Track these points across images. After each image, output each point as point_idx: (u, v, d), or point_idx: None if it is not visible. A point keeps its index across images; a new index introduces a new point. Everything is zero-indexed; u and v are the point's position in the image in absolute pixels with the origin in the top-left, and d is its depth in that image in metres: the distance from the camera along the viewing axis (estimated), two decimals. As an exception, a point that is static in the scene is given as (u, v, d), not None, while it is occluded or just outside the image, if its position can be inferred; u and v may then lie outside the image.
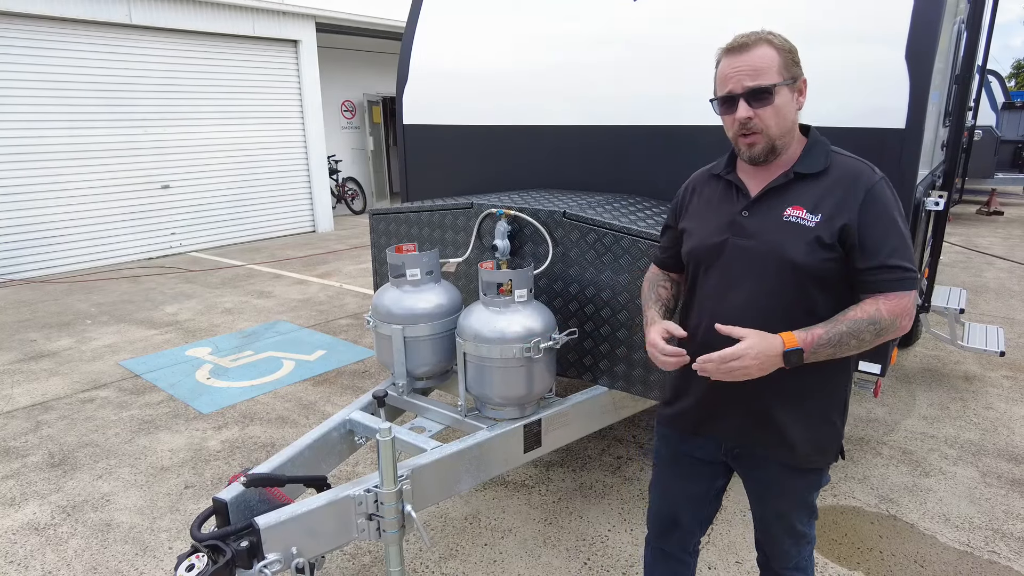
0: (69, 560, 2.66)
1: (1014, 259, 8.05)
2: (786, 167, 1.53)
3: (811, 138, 1.56)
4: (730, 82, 1.47)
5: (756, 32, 1.48)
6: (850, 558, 2.61)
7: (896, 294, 1.43)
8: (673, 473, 1.82)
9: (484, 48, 3.62)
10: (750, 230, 1.53)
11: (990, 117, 11.60)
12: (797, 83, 1.49)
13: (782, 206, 1.50)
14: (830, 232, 1.44)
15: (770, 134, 1.47)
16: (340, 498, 1.91)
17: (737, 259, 1.54)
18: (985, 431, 3.65)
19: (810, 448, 1.58)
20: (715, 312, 1.56)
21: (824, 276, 1.47)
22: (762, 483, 1.69)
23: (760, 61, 1.44)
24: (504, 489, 3.12)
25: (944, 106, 3.24)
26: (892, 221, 1.45)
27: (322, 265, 8.33)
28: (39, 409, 4.11)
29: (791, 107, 1.48)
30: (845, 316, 1.44)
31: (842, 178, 1.48)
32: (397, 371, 2.57)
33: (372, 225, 3.24)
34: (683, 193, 1.76)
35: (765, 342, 1.41)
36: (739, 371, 1.42)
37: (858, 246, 1.44)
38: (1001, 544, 2.68)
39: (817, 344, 1.42)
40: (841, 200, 1.46)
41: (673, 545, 1.89)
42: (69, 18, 7.78)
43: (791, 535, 1.71)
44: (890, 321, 1.43)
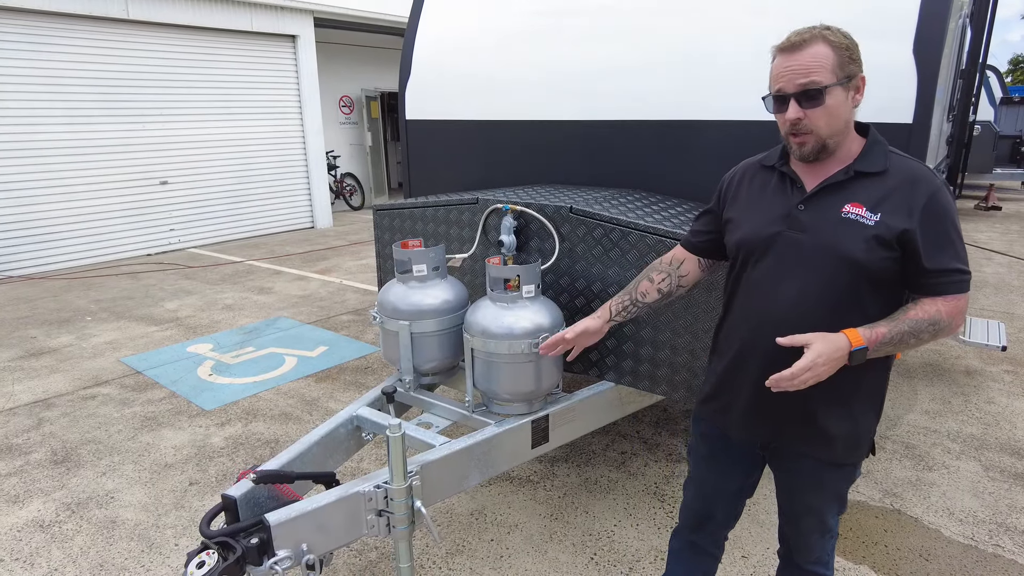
0: (75, 557, 2.65)
1: (1013, 254, 8.08)
2: (843, 164, 1.52)
3: (871, 137, 1.54)
4: (781, 80, 1.46)
5: (812, 28, 1.45)
6: (855, 552, 2.62)
7: (955, 296, 1.45)
8: (710, 469, 1.83)
9: (487, 42, 3.60)
10: (805, 224, 1.51)
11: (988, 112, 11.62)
12: (853, 81, 1.46)
13: (840, 202, 1.49)
14: (890, 232, 1.44)
15: (820, 134, 1.46)
16: (350, 494, 1.91)
17: (790, 252, 1.53)
18: (987, 425, 3.66)
19: (848, 444, 1.59)
20: (762, 307, 1.56)
21: (879, 275, 1.47)
22: (797, 478, 1.68)
23: (813, 60, 1.42)
24: (510, 485, 3.13)
25: (948, 101, 3.24)
26: (953, 226, 1.46)
27: (322, 261, 8.31)
28: (41, 406, 4.09)
29: (845, 107, 1.45)
30: (906, 315, 1.44)
31: (903, 181, 1.47)
32: (404, 367, 2.56)
33: (376, 221, 3.23)
34: (730, 180, 1.74)
35: (831, 345, 1.40)
36: (812, 380, 1.41)
37: (921, 250, 1.43)
38: (1005, 538, 2.70)
39: (881, 342, 1.42)
40: (902, 202, 1.45)
41: (705, 538, 1.91)
42: (66, 13, 7.74)
43: (820, 529, 1.71)
44: (948, 322, 1.45)
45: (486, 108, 3.64)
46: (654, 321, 2.43)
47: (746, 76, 2.76)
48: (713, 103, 2.85)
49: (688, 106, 2.95)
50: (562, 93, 3.34)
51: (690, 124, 2.96)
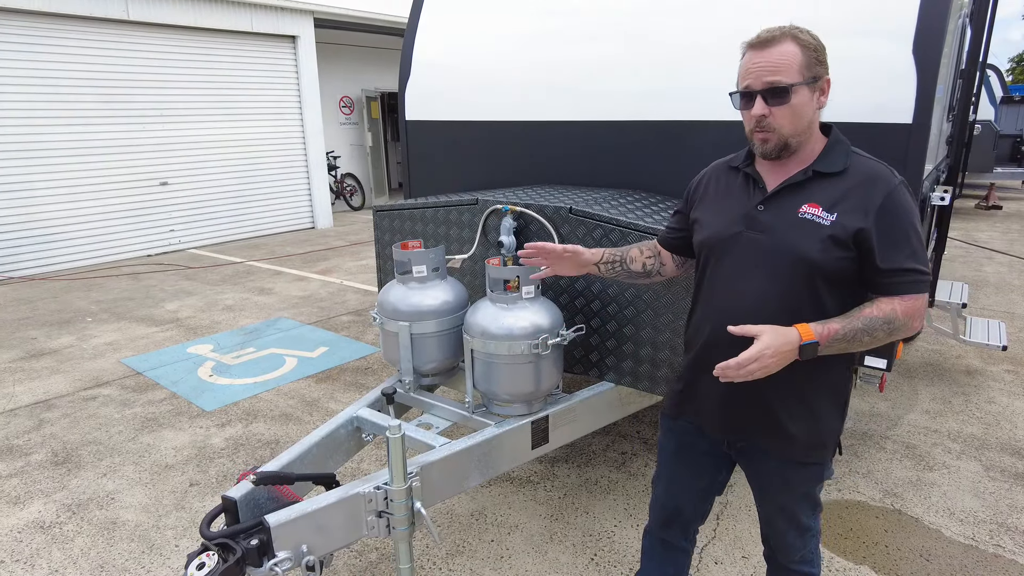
0: (75, 558, 2.66)
1: (1013, 253, 8.07)
2: (804, 164, 1.53)
3: (832, 137, 1.55)
4: (749, 77, 1.47)
5: (783, 27, 1.46)
6: (856, 552, 2.62)
7: (911, 296, 1.45)
8: (678, 466, 1.84)
9: (487, 43, 3.60)
10: (764, 224, 1.54)
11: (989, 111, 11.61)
12: (819, 82, 1.47)
13: (798, 203, 1.51)
14: (845, 232, 1.45)
15: (783, 133, 1.47)
16: (350, 495, 1.91)
17: (749, 252, 1.55)
18: (988, 425, 3.66)
19: (810, 442, 1.60)
20: (723, 306, 1.59)
21: (836, 274, 1.48)
22: (764, 477, 1.70)
23: (781, 58, 1.43)
24: (510, 485, 3.13)
25: (948, 101, 3.24)
26: (911, 225, 1.46)
27: (322, 261, 8.31)
28: (41, 407, 4.10)
29: (809, 107, 1.47)
30: (861, 313, 1.45)
31: (862, 180, 1.48)
32: (404, 368, 2.57)
33: (376, 222, 3.23)
34: (698, 182, 1.78)
35: (781, 338, 1.41)
36: (759, 371, 1.42)
37: (876, 249, 1.44)
38: (1006, 538, 2.69)
39: (833, 339, 1.43)
40: (859, 202, 1.46)
41: (674, 534, 1.93)
42: (66, 14, 7.74)
43: (796, 528, 1.72)
44: (904, 322, 1.45)
45: (486, 108, 3.64)
46: (654, 322, 2.43)
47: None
48: (712, 103, 2.85)
49: (687, 106, 2.94)
50: (562, 93, 3.34)
51: (690, 124, 2.96)
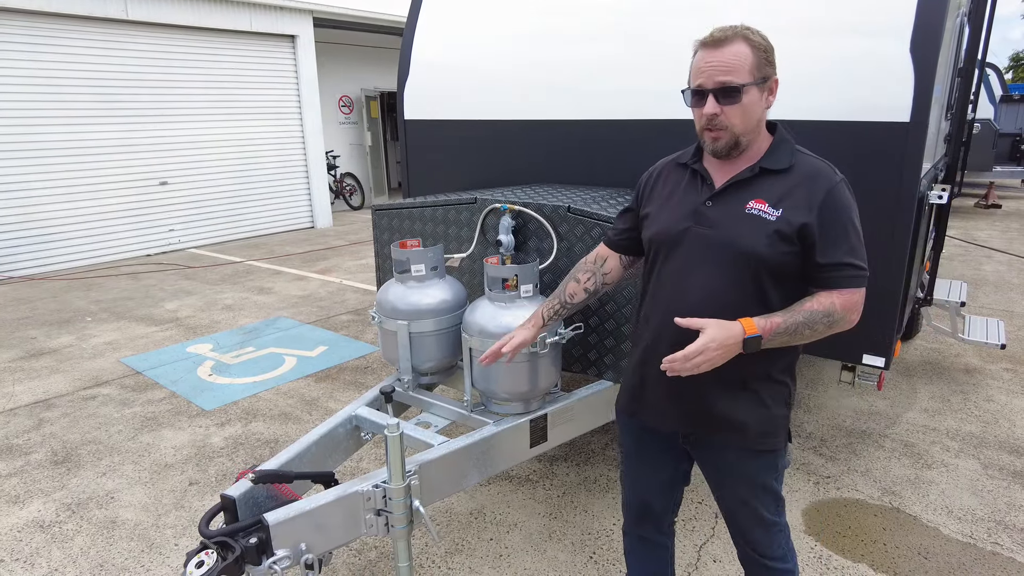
0: (75, 557, 2.66)
1: (1012, 252, 8.08)
2: (752, 161, 1.57)
3: (778, 136, 1.60)
4: (702, 76, 1.50)
5: (735, 27, 1.50)
6: (854, 550, 2.62)
7: (850, 290, 1.50)
8: (639, 462, 1.87)
9: (486, 42, 3.60)
10: (712, 220, 1.57)
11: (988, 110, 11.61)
12: (768, 83, 1.52)
13: (745, 199, 1.55)
14: (790, 227, 1.49)
15: (734, 131, 1.51)
16: (348, 494, 1.91)
17: (698, 247, 1.58)
18: (986, 423, 3.66)
19: (761, 430, 1.63)
20: (672, 298, 1.62)
21: (781, 269, 1.52)
22: (719, 469, 1.72)
23: (734, 58, 1.47)
24: (509, 484, 3.13)
25: (947, 99, 3.24)
26: (849, 221, 1.51)
27: (321, 261, 8.32)
28: (41, 407, 4.10)
29: (759, 106, 1.51)
30: (802, 307, 1.50)
31: (805, 177, 1.53)
32: (402, 367, 2.57)
33: (375, 221, 3.24)
34: (647, 179, 1.81)
35: (725, 331, 1.45)
36: (704, 364, 1.45)
37: (817, 244, 1.49)
38: (1004, 536, 2.70)
39: (775, 332, 1.47)
40: (802, 198, 1.50)
41: (649, 529, 1.95)
42: (65, 13, 7.74)
43: (760, 524, 1.73)
44: (842, 315, 1.50)
45: (484, 108, 3.64)
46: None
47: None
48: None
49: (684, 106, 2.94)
50: (560, 92, 3.34)
51: (687, 123, 2.96)
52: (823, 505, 2.92)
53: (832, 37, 2.55)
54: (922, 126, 2.39)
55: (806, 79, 2.63)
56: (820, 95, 2.59)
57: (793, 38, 2.64)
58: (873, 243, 2.59)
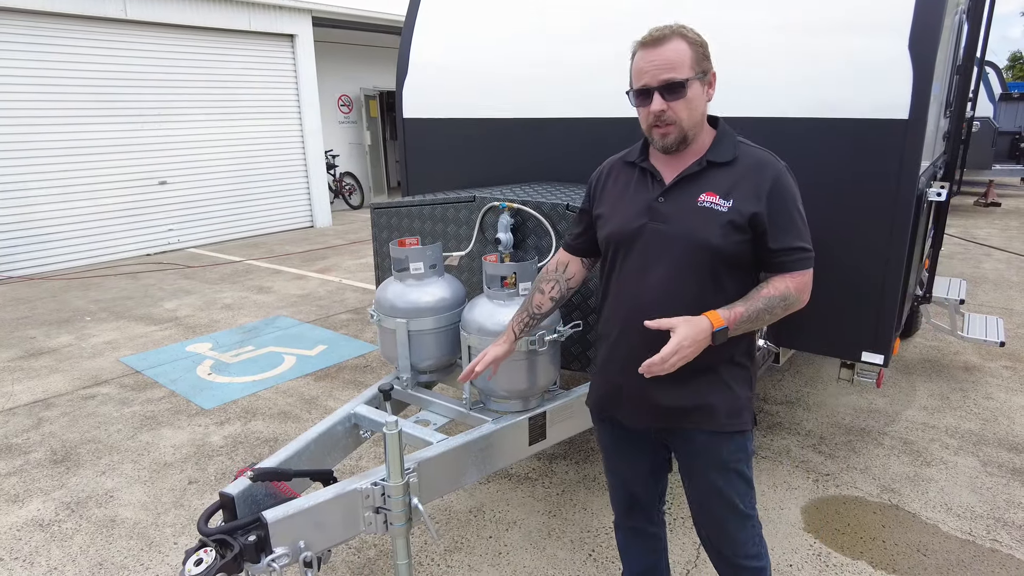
0: (74, 556, 2.66)
1: (1012, 250, 8.08)
2: (698, 155, 1.62)
3: (720, 129, 1.66)
4: (645, 75, 1.54)
5: (670, 26, 1.55)
6: (853, 548, 2.62)
7: (800, 272, 1.58)
8: (619, 456, 1.90)
9: (484, 41, 3.60)
10: (666, 215, 1.61)
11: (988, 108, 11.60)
12: (707, 76, 1.57)
13: (696, 192, 1.59)
14: (741, 217, 1.55)
15: (682, 125, 1.55)
16: (347, 492, 1.91)
17: (654, 242, 1.62)
18: (985, 421, 3.67)
19: (728, 410, 1.67)
20: (634, 294, 1.65)
21: (735, 258, 1.58)
22: (691, 455, 1.74)
23: (674, 55, 1.51)
24: (508, 482, 3.13)
25: (945, 97, 3.24)
26: (795, 207, 1.58)
27: (321, 260, 8.32)
28: (40, 406, 4.10)
29: (701, 99, 1.57)
30: (759, 294, 1.57)
31: (751, 167, 1.59)
32: (401, 365, 2.57)
33: (374, 219, 3.24)
34: (596, 178, 1.84)
35: (695, 328, 1.50)
36: (680, 362, 1.50)
37: (768, 231, 1.55)
38: (1003, 533, 2.70)
39: (739, 322, 1.54)
40: (750, 188, 1.56)
41: (639, 520, 1.98)
42: (64, 13, 7.74)
43: (734, 514, 1.74)
44: (796, 297, 1.58)
45: (483, 106, 3.64)
46: (651, 318, 2.44)
47: (745, 72, 2.76)
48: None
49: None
50: (559, 90, 3.34)
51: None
52: (822, 502, 2.92)
53: (831, 34, 2.55)
54: (920, 123, 2.39)
55: (805, 76, 2.63)
56: (819, 92, 2.59)
57: (792, 35, 2.64)
58: (872, 240, 2.59)
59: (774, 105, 2.69)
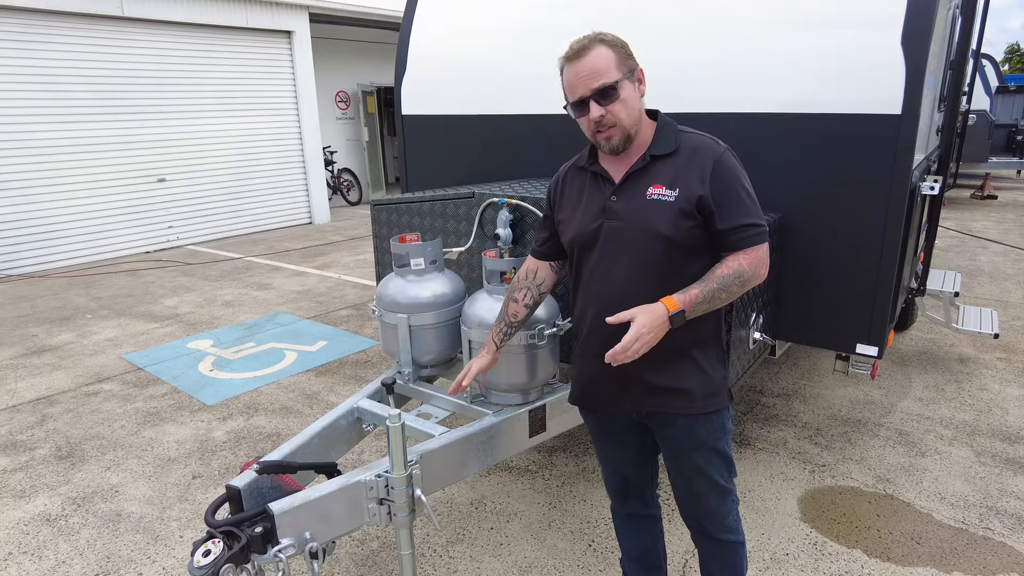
0: (82, 549, 2.70)
1: (1008, 243, 8.12)
2: (642, 151, 1.68)
3: (660, 122, 1.71)
4: (578, 88, 1.61)
5: (588, 36, 1.61)
6: (848, 536, 2.67)
7: (753, 248, 1.62)
8: (607, 443, 1.97)
9: (483, 36, 3.62)
10: (619, 212, 1.68)
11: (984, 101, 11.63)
12: (635, 74, 1.63)
13: (644, 186, 1.66)
14: (689, 203, 1.61)
15: (624, 125, 1.62)
16: (351, 483, 1.95)
17: (612, 240, 1.69)
18: (980, 412, 3.71)
19: (705, 392, 1.73)
20: (600, 291, 1.72)
21: (689, 243, 1.63)
22: (673, 438, 1.81)
23: (599, 61, 1.58)
24: (508, 474, 3.17)
25: (939, 91, 3.27)
26: (740, 185, 1.63)
27: (320, 257, 8.34)
28: (44, 403, 4.13)
29: (635, 97, 1.63)
30: (713, 275, 1.62)
31: (692, 154, 1.65)
32: (403, 359, 2.60)
33: (374, 216, 3.27)
34: (554, 186, 1.91)
35: (651, 315, 1.56)
36: (643, 348, 1.57)
37: (716, 212, 1.60)
38: (995, 521, 2.75)
39: (695, 303, 1.59)
40: (694, 174, 1.62)
41: (634, 505, 2.05)
42: (61, 11, 7.74)
43: (715, 490, 1.81)
44: (751, 272, 1.63)
45: (482, 102, 3.67)
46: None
47: (739, 67, 2.79)
48: (705, 95, 2.88)
49: (680, 99, 2.97)
50: (557, 86, 3.36)
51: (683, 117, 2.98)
52: (818, 493, 2.97)
53: (824, 29, 2.58)
54: (913, 118, 2.43)
55: (798, 71, 2.66)
56: (812, 87, 2.62)
57: (785, 30, 2.67)
58: (866, 234, 2.63)
59: (767, 100, 2.72)
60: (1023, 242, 8.13)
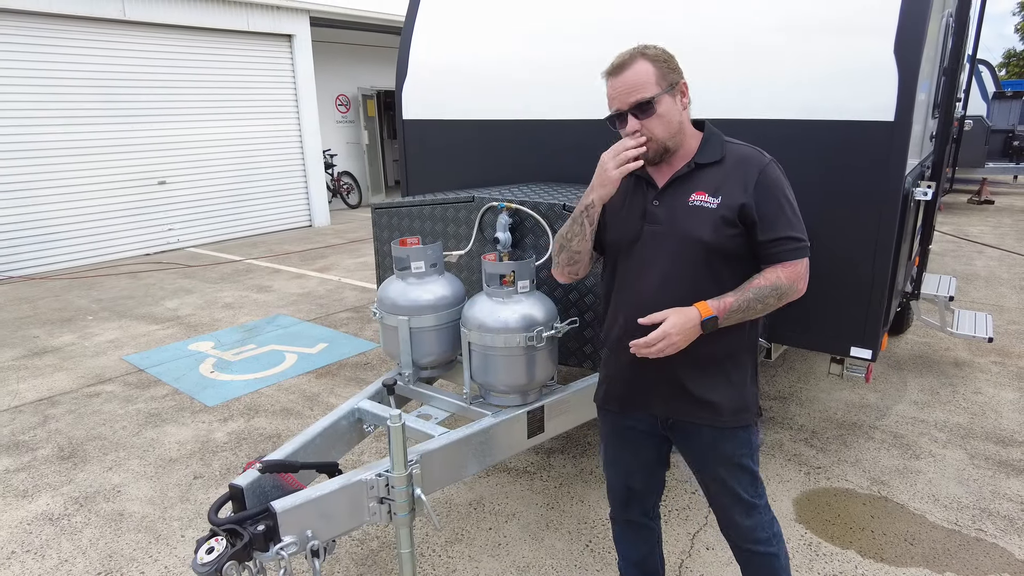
0: (84, 549, 2.73)
1: (1004, 247, 8.16)
2: (687, 159, 1.70)
3: (707, 131, 1.73)
4: (616, 101, 1.65)
5: (631, 50, 1.64)
6: (843, 538, 2.70)
7: (792, 262, 1.63)
8: (620, 448, 1.96)
9: (483, 42, 3.67)
10: (660, 217, 1.70)
11: (981, 107, 11.69)
12: (677, 87, 1.65)
13: (687, 193, 1.68)
14: (731, 212, 1.62)
15: (658, 139, 1.64)
16: (352, 482, 1.98)
17: (651, 243, 1.71)
18: (974, 415, 3.75)
19: (733, 407, 1.74)
20: (635, 293, 1.73)
21: (728, 251, 1.65)
22: (696, 450, 1.81)
23: (637, 77, 1.61)
24: (507, 476, 3.20)
25: (933, 98, 3.31)
26: (784, 197, 1.64)
27: (320, 259, 8.37)
28: (46, 404, 4.16)
29: (675, 111, 1.65)
30: (751, 284, 1.63)
31: (737, 164, 1.67)
32: (403, 361, 2.64)
33: (375, 219, 3.30)
34: None
35: (683, 317, 1.59)
36: (668, 348, 1.59)
37: (758, 223, 1.62)
38: (988, 523, 2.78)
39: (729, 311, 1.60)
40: (737, 183, 1.64)
41: (635, 514, 2.04)
42: (63, 14, 7.78)
43: (738, 503, 1.81)
44: (788, 286, 1.63)
45: (482, 107, 3.71)
46: (645, 314, 2.51)
47: (731, 73, 2.83)
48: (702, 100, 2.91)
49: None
50: (556, 92, 3.40)
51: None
52: (813, 494, 3.00)
53: (817, 37, 2.62)
54: (906, 125, 2.46)
55: (792, 79, 2.70)
56: (806, 94, 2.66)
57: (779, 38, 2.71)
58: (860, 239, 2.67)
59: (762, 107, 2.76)
60: (1019, 247, 8.18)
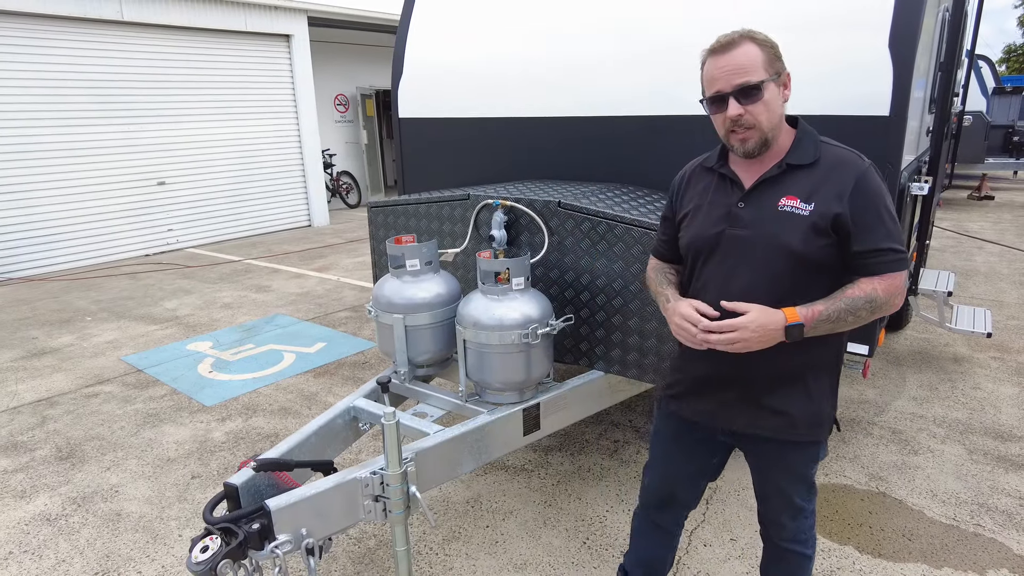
0: (82, 548, 2.73)
1: (1004, 243, 8.15)
2: (777, 158, 1.59)
3: (800, 129, 1.61)
4: (718, 82, 1.52)
5: (738, 31, 1.53)
6: (841, 533, 2.69)
7: (890, 275, 1.51)
8: (674, 452, 1.89)
9: (479, 40, 3.66)
10: (746, 220, 1.59)
11: (980, 102, 11.67)
12: (781, 77, 1.55)
13: (777, 196, 1.56)
14: (824, 220, 1.50)
15: (763, 128, 1.52)
16: (347, 480, 1.98)
17: (734, 249, 1.60)
18: (972, 410, 3.74)
19: (808, 421, 1.65)
20: (716, 299, 1.61)
21: (819, 262, 1.53)
22: (764, 459, 1.76)
23: (745, 59, 1.49)
24: (504, 473, 3.20)
25: (929, 93, 3.30)
26: (883, 206, 1.51)
27: (319, 259, 8.37)
28: (44, 404, 4.16)
29: (778, 101, 1.54)
30: (843, 294, 1.51)
31: (833, 168, 1.54)
32: (399, 359, 2.63)
33: (371, 217, 3.30)
34: (678, 184, 1.81)
35: (767, 316, 1.49)
36: (739, 343, 1.49)
37: (852, 232, 1.50)
38: (986, 518, 2.77)
39: (818, 320, 1.49)
40: (832, 189, 1.52)
41: (667, 519, 1.99)
42: (61, 15, 7.78)
43: (789, 509, 1.77)
44: (884, 299, 1.51)
45: (477, 106, 3.70)
46: (641, 311, 2.51)
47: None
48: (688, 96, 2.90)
49: (674, 101, 3.01)
50: (552, 90, 3.40)
51: (676, 119, 3.03)
52: (811, 490, 2.99)
53: (812, 32, 2.61)
54: (901, 120, 2.46)
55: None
56: (800, 89, 2.63)
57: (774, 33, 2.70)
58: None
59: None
60: (1019, 242, 8.17)
